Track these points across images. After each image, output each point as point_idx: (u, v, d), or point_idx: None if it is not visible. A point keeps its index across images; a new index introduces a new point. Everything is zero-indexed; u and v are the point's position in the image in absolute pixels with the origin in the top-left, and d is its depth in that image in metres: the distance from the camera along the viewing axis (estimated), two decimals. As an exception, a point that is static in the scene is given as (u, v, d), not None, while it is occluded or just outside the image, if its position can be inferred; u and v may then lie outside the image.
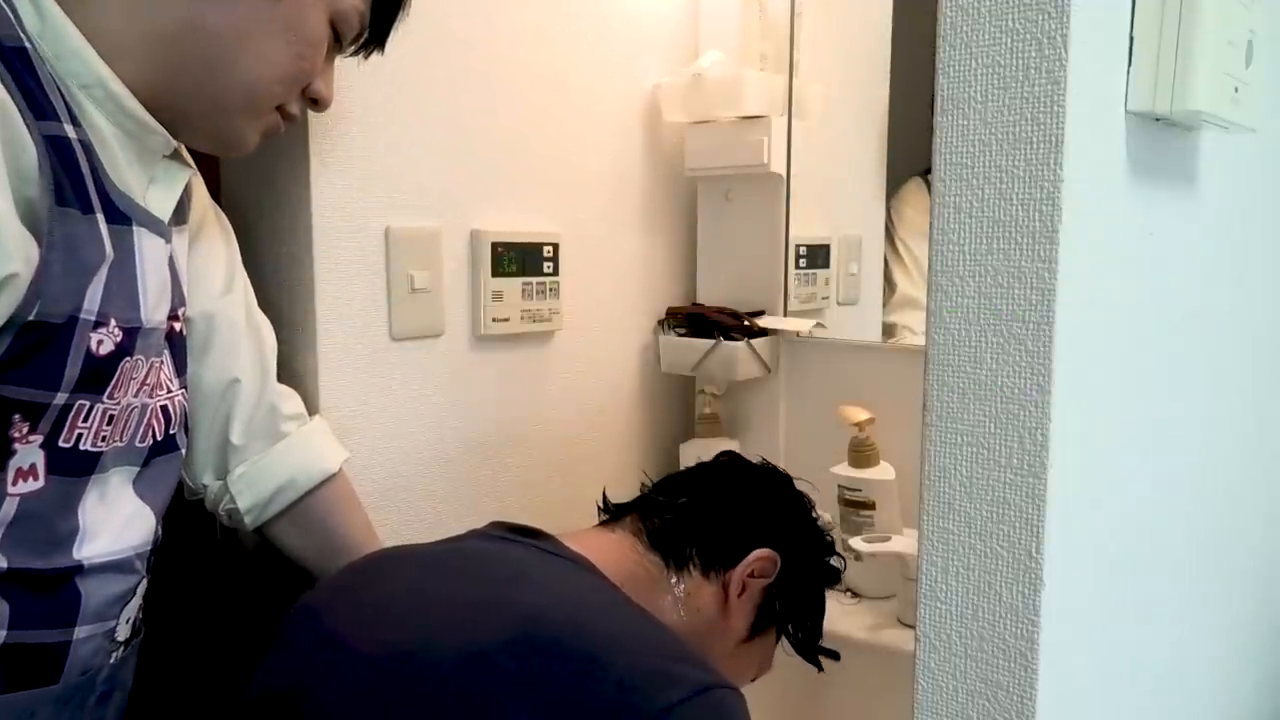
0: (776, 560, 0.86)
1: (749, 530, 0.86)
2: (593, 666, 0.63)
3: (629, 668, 0.63)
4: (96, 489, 0.70)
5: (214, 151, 0.78)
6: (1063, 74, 0.49)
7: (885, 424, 1.16)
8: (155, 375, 0.74)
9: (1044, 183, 0.50)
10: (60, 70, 0.64)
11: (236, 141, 0.76)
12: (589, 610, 0.70)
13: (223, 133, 0.75)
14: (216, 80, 0.70)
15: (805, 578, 0.89)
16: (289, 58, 0.72)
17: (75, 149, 0.63)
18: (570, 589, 0.73)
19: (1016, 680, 0.53)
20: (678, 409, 1.41)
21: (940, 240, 0.54)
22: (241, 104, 0.73)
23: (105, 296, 0.66)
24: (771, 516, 0.89)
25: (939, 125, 0.54)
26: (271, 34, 0.71)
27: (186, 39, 0.68)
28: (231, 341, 0.86)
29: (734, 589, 0.84)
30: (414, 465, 1.06)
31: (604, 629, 0.68)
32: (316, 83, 0.77)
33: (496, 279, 1.12)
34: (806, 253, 1.34)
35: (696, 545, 0.84)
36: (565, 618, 0.68)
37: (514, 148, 1.14)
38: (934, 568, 0.56)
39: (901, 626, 1.08)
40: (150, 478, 0.76)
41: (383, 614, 0.71)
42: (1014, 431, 0.52)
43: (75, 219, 0.63)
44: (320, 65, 0.77)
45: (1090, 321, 0.54)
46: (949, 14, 0.53)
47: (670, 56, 1.34)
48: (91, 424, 0.68)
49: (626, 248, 1.31)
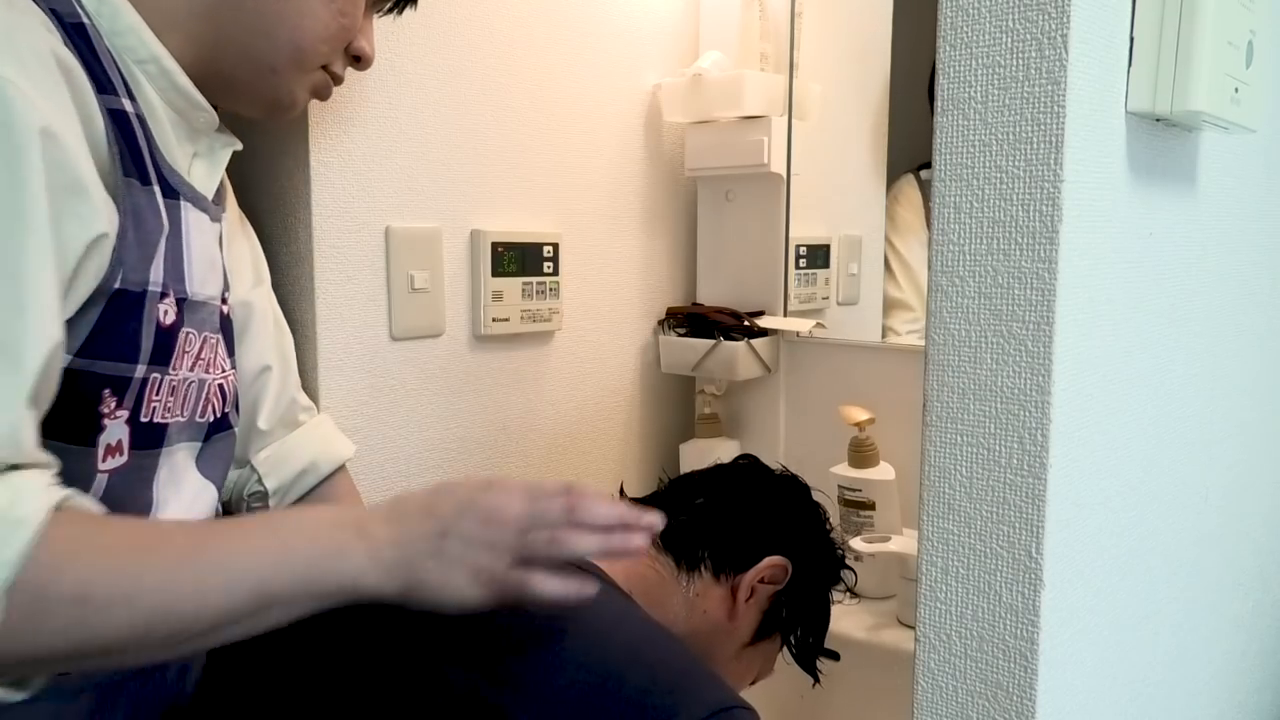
0: (788, 568, 0.86)
1: (763, 536, 0.86)
2: (608, 681, 0.63)
3: (648, 682, 0.63)
4: (166, 464, 0.70)
5: (266, 114, 0.79)
6: (1063, 74, 0.49)
7: (885, 424, 1.16)
8: (211, 352, 0.75)
9: (1044, 183, 0.50)
10: (117, 45, 0.65)
11: (289, 100, 0.77)
12: (603, 622, 0.70)
13: (274, 92, 0.76)
14: (263, 42, 0.72)
15: (814, 588, 0.89)
16: (330, 14, 0.74)
17: (133, 122, 0.65)
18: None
19: (1016, 680, 0.53)
20: (678, 409, 1.41)
21: (940, 240, 0.54)
22: (289, 63, 0.74)
23: (164, 268, 0.67)
24: (786, 524, 0.89)
25: (939, 125, 0.54)
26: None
27: (231, 4, 0.70)
28: (264, 330, 0.88)
29: (743, 593, 0.84)
30: (414, 465, 1.06)
31: (620, 642, 0.67)
32: (358, 40, 0.79)
33: (496, 279, 1.12)
34: (806, 253, 1.34)
35: (709, 548, 0.84)
36: (580, 630, 0.67)
37: (514, 148, 1.14)
38: (934, 568, 0.56)
39: (901, 626, 1.08)
40: (210, 455, 0.76)
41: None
42: (1014, 431, 0.52)
43: (138, 190, 0.64)
44: (360, 22, 0.78)
45: (1090, 321, 0.54)
46: (949, 14, 0.53)
47: (670, 56, 1.34)
48: (161, 397, 0.68)
49: (626, 248, 1.31)
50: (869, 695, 0.97)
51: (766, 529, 0.87)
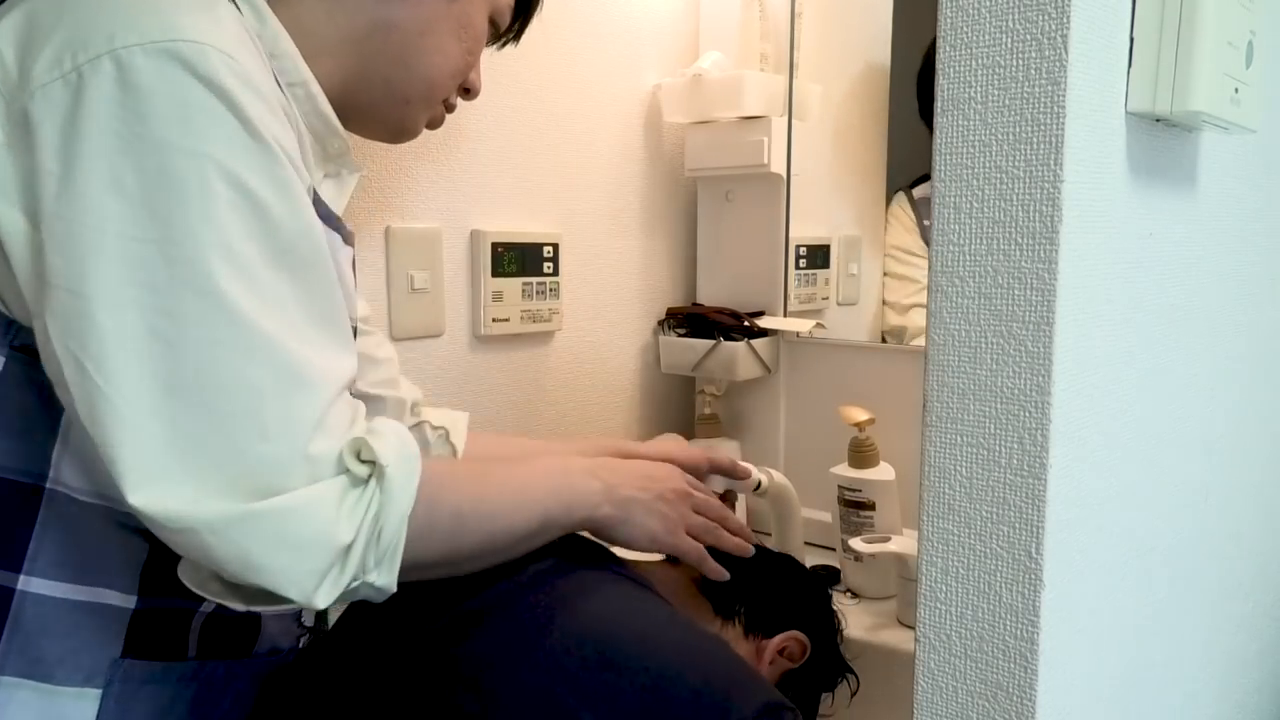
0: (807, 648, 0.88)
1: (792, 612, 0.89)
2: (663, 680, 0.65)
3: (702, 681, 0.65)
4: None
5: (388, 140, 0.82)
6: (1063, 74, 0.49)
7: (885, 424, 1.16)
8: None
9: (1044, 183, 0.50)
10: (274, 69, 0.66)
11: (413, 129, 0.80)
12: (656, 625, 0.72)
13: (403, 120, 0.79)
14: (401, 73, 0.75)
15: (816, 681, 0.92)
16: (460, 52, 0.77)
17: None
18: (635, 604, 0.75)
19: (1016, 680, 0.53)
20: (678, 409, 1.41)
21: (940, 240, 0.54)
22: (422, 95, 0.77)
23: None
24: (811, 614, 0.92)
25: (939, 125, 0.53)
26: (448, 30, 0.75)
27: (378, 36, 0.72)
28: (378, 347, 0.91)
29: (766, 657, 0.86)
30: (414, 465, 1.06)
31: (672, 642, 0.69)
32: (471, 73, 0.82)
33: (496, 279, 1.12)
34: (806, 253, 1.34)
35: (746, 604, 0.87)
36: (634, 633, 0.69)
37: (514, 148, 1.14)
38: (934, 568, 0.56)
39: (901, 626, 1.08)
40: None
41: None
42: (1014, 431, 0.52)
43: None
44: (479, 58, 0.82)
45: (1090, 321, 0.54)
46: (949, 14, 0.53)
47: (670, 57, 1.34)
48: None
49: (626, 248, 1.31)
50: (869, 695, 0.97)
51: (795, 609, 0.90)
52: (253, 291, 0.55)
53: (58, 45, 0.54)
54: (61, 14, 0.56)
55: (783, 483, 1.10)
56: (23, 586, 0.61)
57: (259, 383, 0.55)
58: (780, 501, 1.12)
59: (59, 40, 0.55)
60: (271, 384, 0.55)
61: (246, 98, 0.56)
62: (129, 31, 0.54)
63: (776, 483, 1.08)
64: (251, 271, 0.55)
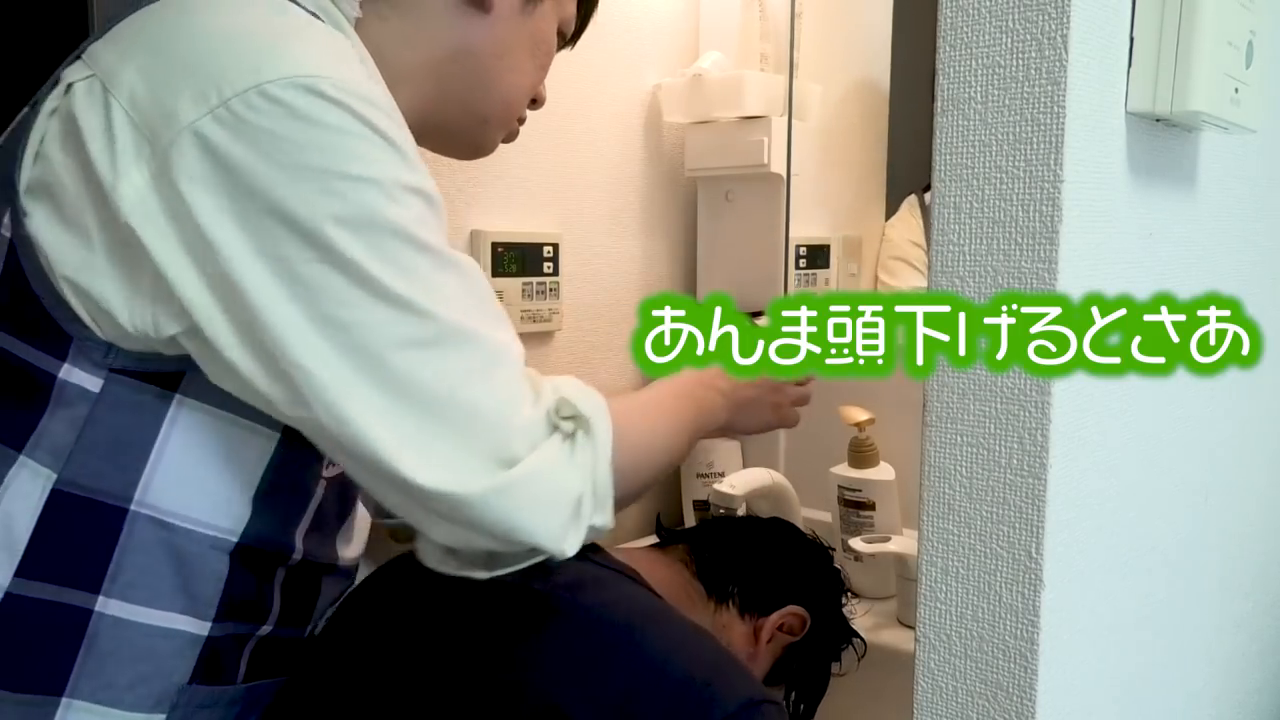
0: (806, 621, 0.88)
1: (789, 586, 0.89)
2: (648, 671, 0.65)
3: (685, 673, 0.65)
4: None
5: (465, 158, 0.86)
6: (1063, 74, 0.49)
7: (885, 424, 1.16)
8: None
9: (1044, 183, 0.50)
10: None
11: (491, 146, 0.83)
12: (641, 615, 0.72)
13: (481, 139, 0.81)
14: (480, 94, 0.76)
15: (821, 650, 0.91)
16: (534, 69, 0.79)
17: None
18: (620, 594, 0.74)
19: (1016, 680, 0.53)
20: (678, 409, 1.41)
21: (940, 240, 0.54)
22: (500, 114, 0.79)
23: None
24: (810, 583, 0.91)
25: (939, 125, 0.53)
26: (523, 48, 0.76)
27: (458, 61, 0.73)
28: None
29: (764, 635, 0.86)
30: (414, 465, 1.06)
31: (657, 634, 0.69)
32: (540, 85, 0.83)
33: (496, 279, 1.12)
34: (806, 253, 1.34)
35: (739, 584, 0.87)
36: (620, 622, 0.69)
37: (514, 148, 1.13)
38: (934, 568, 0.56)
39: (901, 626, 1.08)
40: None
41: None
42: (1014, 431, 0.52)
43: None
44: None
45: (1090, 322, 0.54)
46: (949, 14, 0.53)
47: (670, 57, 1.34)
48: None
49: (626, 248, 1.31)
50: (869, 695, 0.97)
51: (793, 582, 0.90)
52: (449, 286, 0.61)
53: (200, 80, 0.56)
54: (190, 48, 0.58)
55: (783, 483, 1.10)
56: (100, 608, 0.60)
57: (474, 366, 0.61)
58: (780, 501, 1.12)
59: (201, 75, 0.56)
60: (480, 366, 0.61)
61: (386, 123, 0.59)
62: (272, 68, 0.56)
63: (777, 483, 1.08)
64: (445, 264, 0.62)
